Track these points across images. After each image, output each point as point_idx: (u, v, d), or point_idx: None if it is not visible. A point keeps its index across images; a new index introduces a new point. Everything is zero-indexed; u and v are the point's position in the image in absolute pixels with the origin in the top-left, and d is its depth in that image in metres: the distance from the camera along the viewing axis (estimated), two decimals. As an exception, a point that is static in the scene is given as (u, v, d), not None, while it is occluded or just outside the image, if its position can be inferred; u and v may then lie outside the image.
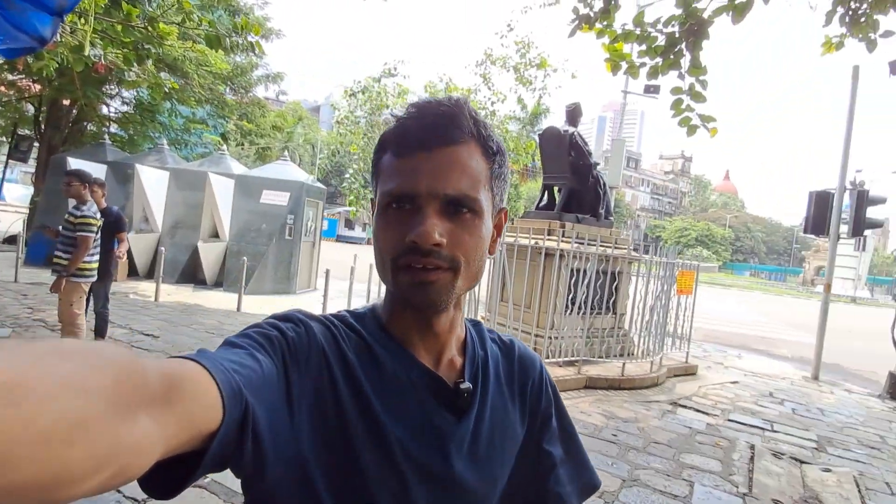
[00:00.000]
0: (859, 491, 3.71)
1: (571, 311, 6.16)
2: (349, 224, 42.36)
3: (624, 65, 4.51)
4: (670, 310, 6.95)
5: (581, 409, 4.90)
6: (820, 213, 7.76)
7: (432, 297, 0.61)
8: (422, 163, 0.60)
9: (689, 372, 6.93)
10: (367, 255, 4.35)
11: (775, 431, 4.90)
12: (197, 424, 0.41)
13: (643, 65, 4.40)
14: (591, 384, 5.76)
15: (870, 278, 51.79)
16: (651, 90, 9.36)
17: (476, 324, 0.78)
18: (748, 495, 3.46)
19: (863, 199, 7.45)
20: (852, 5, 3.86)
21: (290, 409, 0.54)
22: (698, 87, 4.06)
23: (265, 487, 0.54)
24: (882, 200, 7.68)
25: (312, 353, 0.59)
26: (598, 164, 7.23)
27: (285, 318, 0.62)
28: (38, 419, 0.28)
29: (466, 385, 0.67)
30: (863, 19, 3.83)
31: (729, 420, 5.10)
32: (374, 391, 0.62)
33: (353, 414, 0.59)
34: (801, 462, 4.16)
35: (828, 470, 4.03)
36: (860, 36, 3.84)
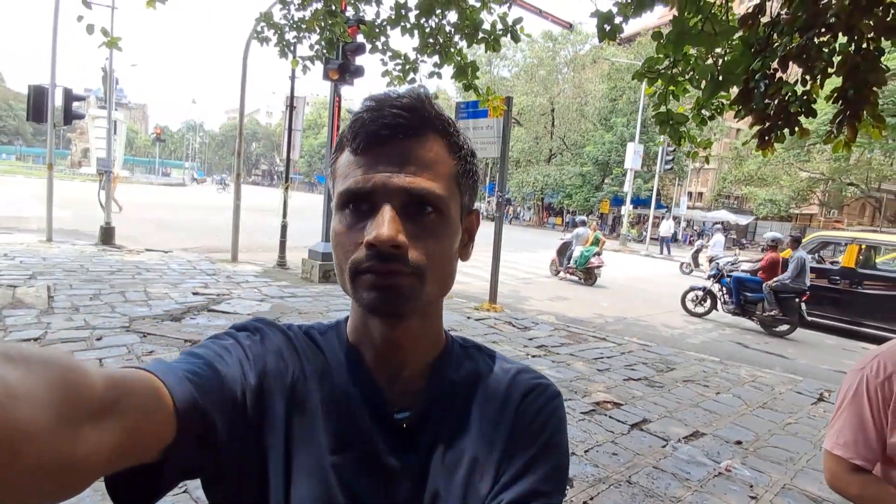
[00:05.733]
0: (49, 292, 5.99)
1: None
2: None
3: None
4: None
5: None
6: (38, 104, 9.34)
7: (396, 303, 0.54)
8: (379, 157, 0.54)
9: (-84, 250, 7.40)
10: None
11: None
12: (146, 436, 0.40)
13: None
14: None
15: (129, 158, 58.98)
16: None
17: (465, 342, 0.70)
18: (-37, 310, 5.06)
19: (69, 96, 9.57)
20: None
21: (245, 420, 0.52)
22: None
23: (223, 496, 0.54)
24: (81, 97, 10.08)
25: (267, 364, 0.57)
26: None
27: (243, 327, 0.60)
28: None
29: (403, 415, 0.60)
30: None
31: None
32: (323, 411, 0.58)
33: (296, 432, 0.56)
34: (14, 286, 6.05)
35: (31, 286, 6.12)
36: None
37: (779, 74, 3.40)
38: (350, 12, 7.87)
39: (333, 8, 7.30)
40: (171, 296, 6.52)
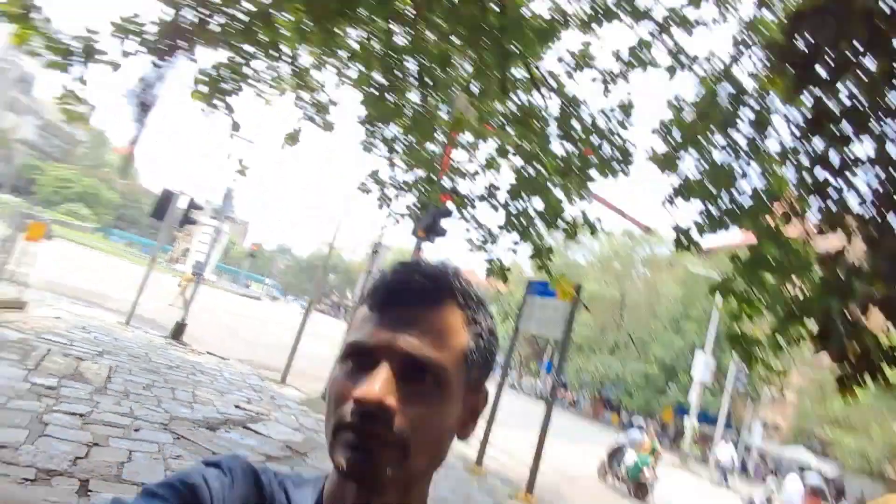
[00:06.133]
0: (109, 372, 6.28)
1: None
2: None
3: None
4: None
5: None
6: (163, 205, 10.72)
7: (373, 472, 0.50)
8: (391, 317, 0.54)
9: (15, 306, 8.17)
10: None
11: (73, 345, 7.00)
12: None
13: None
14: None
15: (220, 265, 64.23)
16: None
17: None
18: (33, 370, 5.38)
19: (191, 204, 10.94)
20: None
21: None
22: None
23: None
24: (200, 207, 11.51)
25: None
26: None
27: (216, 464, 0.56)
28: None
29: None
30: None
31: (40, 337, 6.83)
32: None
33: None
34: (81, 359, 6.41)
35: (96, 362, 6.45)
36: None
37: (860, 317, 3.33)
38: (446, 182, 8.73)
39: (433, 177, 8.19)
40: (215, 403, 6.59)
